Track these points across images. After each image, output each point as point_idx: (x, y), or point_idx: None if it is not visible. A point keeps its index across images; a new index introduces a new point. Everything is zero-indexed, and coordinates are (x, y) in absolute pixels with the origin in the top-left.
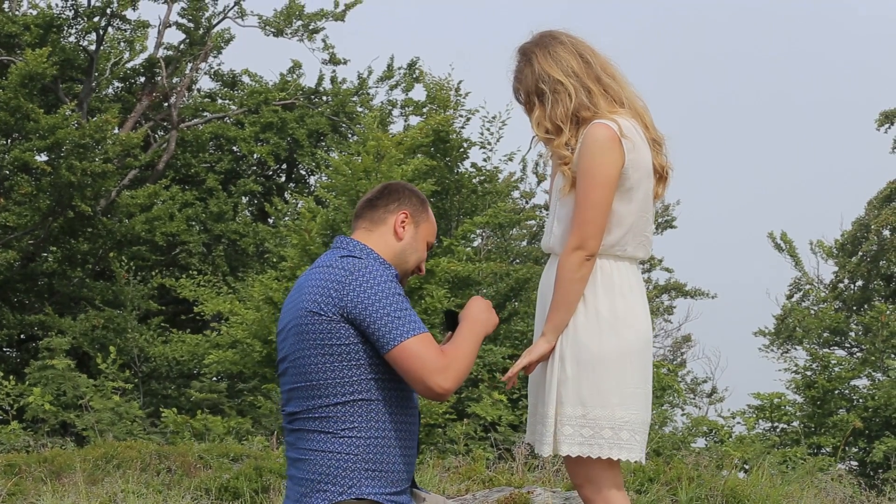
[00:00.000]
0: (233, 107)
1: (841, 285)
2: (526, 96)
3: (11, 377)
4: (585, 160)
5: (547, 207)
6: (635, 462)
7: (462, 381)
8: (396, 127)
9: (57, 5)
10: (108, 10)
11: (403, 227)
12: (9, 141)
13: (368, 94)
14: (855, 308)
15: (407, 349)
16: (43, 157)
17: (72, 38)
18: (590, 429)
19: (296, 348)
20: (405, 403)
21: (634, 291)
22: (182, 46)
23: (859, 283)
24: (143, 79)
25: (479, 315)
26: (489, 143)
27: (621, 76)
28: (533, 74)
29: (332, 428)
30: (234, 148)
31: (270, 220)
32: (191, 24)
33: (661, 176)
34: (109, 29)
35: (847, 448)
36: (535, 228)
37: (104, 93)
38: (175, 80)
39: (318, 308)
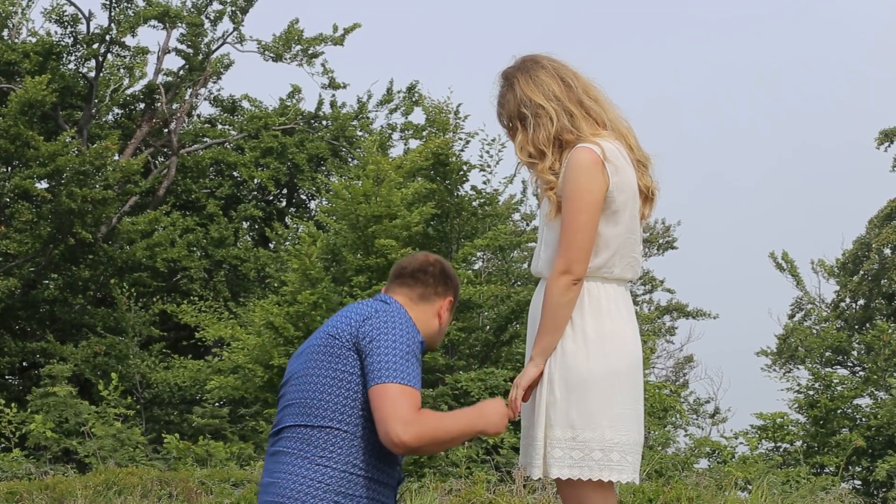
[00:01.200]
0: (233, 132)
1: (842, 304)
2: (508, 121)
3: (13, 405)
4: (569, 185)
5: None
6: (627, 483)
7: (425, 444)
8: (396, 150)
9: (56, 33)
10: (108, 37)
11: (448, 313)
12: (9, 168)
13: (368, 117)
14: (857, 327)
15: (387, 390)
16: (43, 185)
17: (71, 65)
18: (579, 451)
19: (304, 367)
20: (387, 454)
21: (622, 313)
22: (181, 72)
23: (861, 301)
24: (142, 105)
25: (486, 411)
26: (489, 166)
27: (605, 98)
28: (515, 99)
29: (309, 453)
30: (234, 173)
31: (271, 245)
32: (190, 50)
33: (646, 197)
34: (109, 55)
35: (850, 467)
36: None
37: (104, 119)
38: (175, 105)
39: (336, 332)
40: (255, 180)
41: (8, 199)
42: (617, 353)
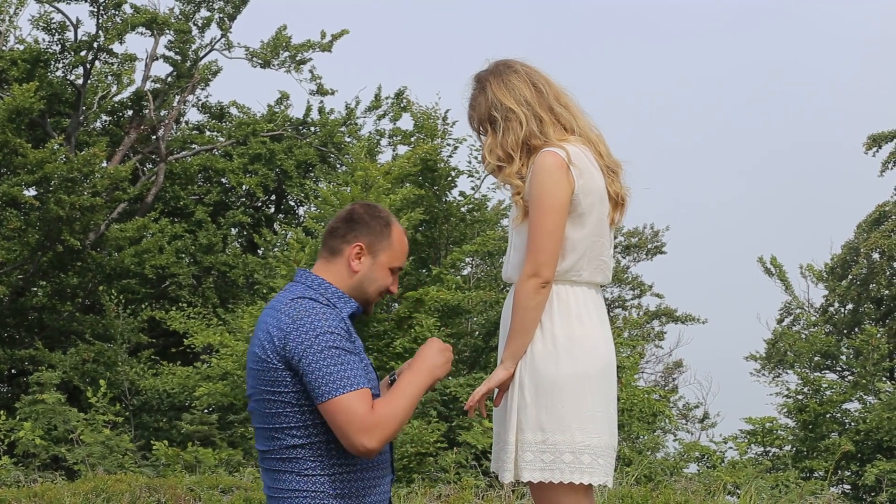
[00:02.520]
0: (221, 139)
1: (831, 309)
2: (479, 123)
3: (2, 412)
4: (535, 188)
5: None
6: (601, 485)
7: (391, 436)
8: (385, 156)
9: (44, 40)
10: (95, 44)
11: (359, 259)
12: None
13: (356, 123)
14: (845, 331)
15: (335, 405)
16: (31, 192)
17: (59, 73)
18: (550, 454)
19: (255, 390)
20: None
21: (592, 316)
22: (169, 79)
23: (849, 306)
24: (130, 112)
25: (427, 360)
26: (477, 172)
27: (575, 106)
28: (486, 102)
29: (296, 468)
30: (222, 180)
31: (260, 252)
32: (178, 57)
33: (616, 202)
34: (97, 63)
35: (839, 471)
36: None
37: (92, 126)
38: (163, 112)
39: (265, 355)
40: (244, 187)
41: None
42: (586, 356)
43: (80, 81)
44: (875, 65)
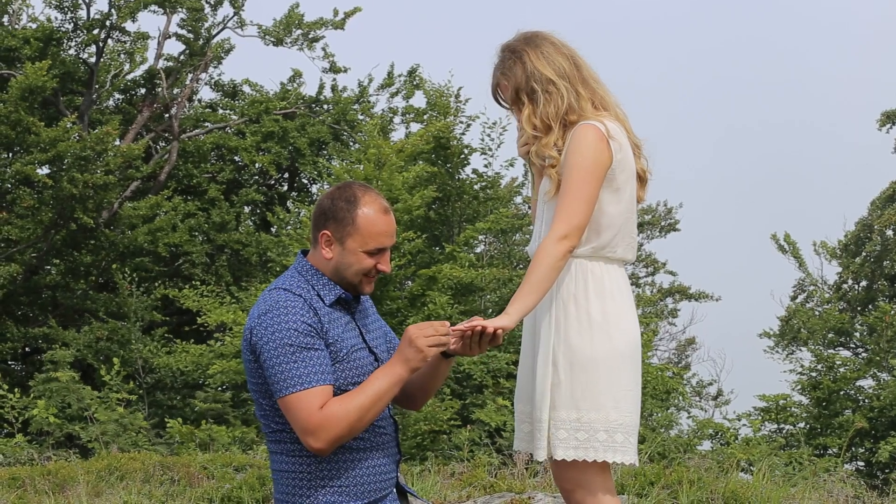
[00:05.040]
0: (234, 117)
1: (845, 286)
2: (514, 93)
3: (16, 390)
4: (574, 157)
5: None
6: (629, 465)
7: (343, 436)
8: (397, 134)
9: (56, 18)
10: (108, 23)
11: (329, 247)
12: (10, 154)
13: (369, 101)
14: (859, 308)
15: (283, 404)
16: (44, 170)
17: (72, 51)
18: (584, 432)
19: (246, 376)
20: None
21: (623, 294)
22: (182, 57)
23: (863, 283)
24: (143, 90)
25: (400, 353)
26: (490, 150)
27: (603, 83)
28: (524, 72)
29: (286, 448)
30: (235, 158)
31: (273, 230)
32: (190, 35)
33: (641, 179)
34: (109, 41)
35: (853, 449)
36: None
37: (105, 105)
38: (175, 90)
39: (245, 345)
40: (257, 165)
41: (9, 185)
42: (620, 334)
43: (92, 60)
44: (887, 42)
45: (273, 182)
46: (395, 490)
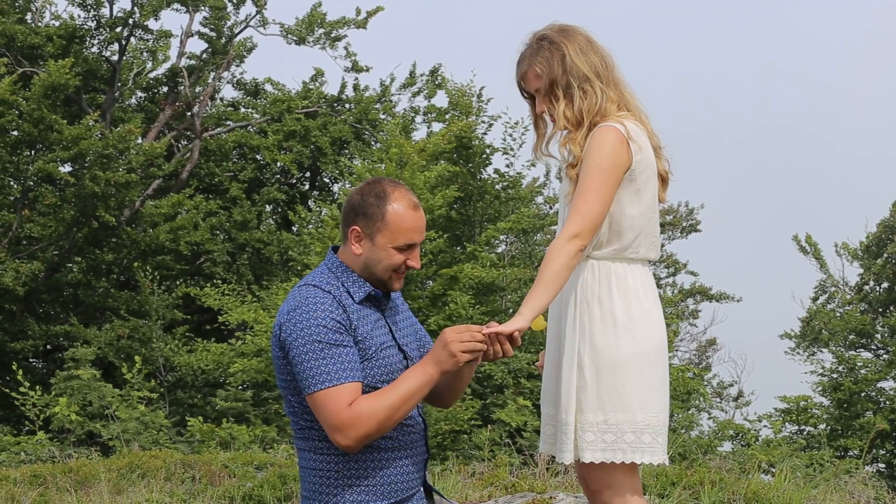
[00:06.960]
0: (256, 115)
1: (866, 287)
2: (549, 85)
3: (38, 388)
4: (592, 158)
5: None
6: (658, 465)
7: (372, 434)
8: (419, 134)
9: (79, 16)
10: (131, 21)
11: (359, 243)
12: (33, 152)
13: (391, 101)
14: (881, 310)
15: (312, 401)
16: (67, 168)
17: (94, 49)
18: (612, 434)
19: (275, 372)
20: None
21: (648, 294)
22: (204, 56)
23: (885, 285)
24: (165, 88)
25: (433, 354)
26: (512, 149)
27: (629, 85)
28: (562, 65)
29: (314, 446)
30: (257, 156)
31: (294, 229)
32: (213, 34)
33: (663, 180)
34: (132, 39)
35: (874, 450)
36: None
37: (127, 103)
38: (198, 89)
39: (275, 341)
40: (279, 163)
41: (32, 183)
42: (645, 334)
43: (115, 58)
44: None
45: (295, 181)
46: (422, 489)
